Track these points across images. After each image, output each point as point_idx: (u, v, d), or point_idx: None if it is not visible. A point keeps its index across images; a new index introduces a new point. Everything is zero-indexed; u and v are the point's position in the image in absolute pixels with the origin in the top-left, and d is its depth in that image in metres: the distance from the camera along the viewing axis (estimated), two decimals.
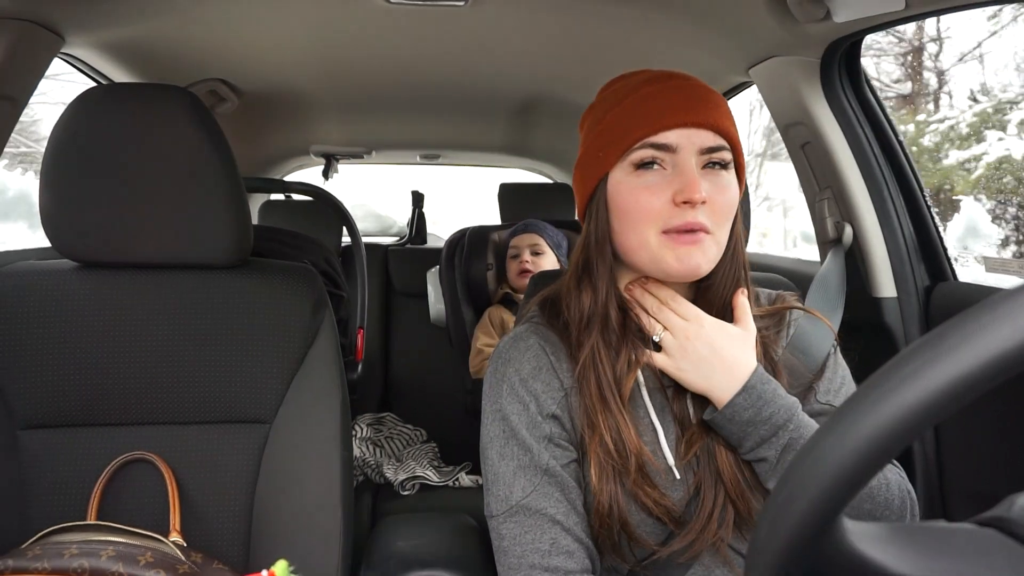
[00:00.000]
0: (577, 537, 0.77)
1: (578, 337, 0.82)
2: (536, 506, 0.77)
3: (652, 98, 0.78)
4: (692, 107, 0.76)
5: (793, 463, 0.37)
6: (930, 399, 0.33)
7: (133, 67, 1.53)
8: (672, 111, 0.76)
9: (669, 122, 0.76)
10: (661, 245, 0.76)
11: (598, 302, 0.82)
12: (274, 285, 1.05)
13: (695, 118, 0.76)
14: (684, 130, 0.76)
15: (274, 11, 1.35)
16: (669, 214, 0.76)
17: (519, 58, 1.63)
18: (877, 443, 0.34)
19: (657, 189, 0.76)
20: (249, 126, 2.11)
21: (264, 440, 1.02)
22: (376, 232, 3.39)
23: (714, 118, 0.77)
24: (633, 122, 0.77)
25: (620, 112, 0.79)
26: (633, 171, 0.78)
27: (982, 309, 0.34)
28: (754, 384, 0.76)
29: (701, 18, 1.30)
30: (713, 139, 0.77)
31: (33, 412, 0.98)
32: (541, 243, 1.98)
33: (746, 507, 0.78)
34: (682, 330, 0.79)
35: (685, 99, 0.77)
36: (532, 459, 0.78)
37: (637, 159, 0.77)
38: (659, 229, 0.76)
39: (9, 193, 3.60)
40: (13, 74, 1.15)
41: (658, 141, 0.76)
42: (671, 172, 0.77)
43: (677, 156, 0.76)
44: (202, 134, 0.98)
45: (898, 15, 1.06)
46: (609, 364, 0.80)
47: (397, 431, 2.10)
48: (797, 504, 0.36)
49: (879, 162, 1.34)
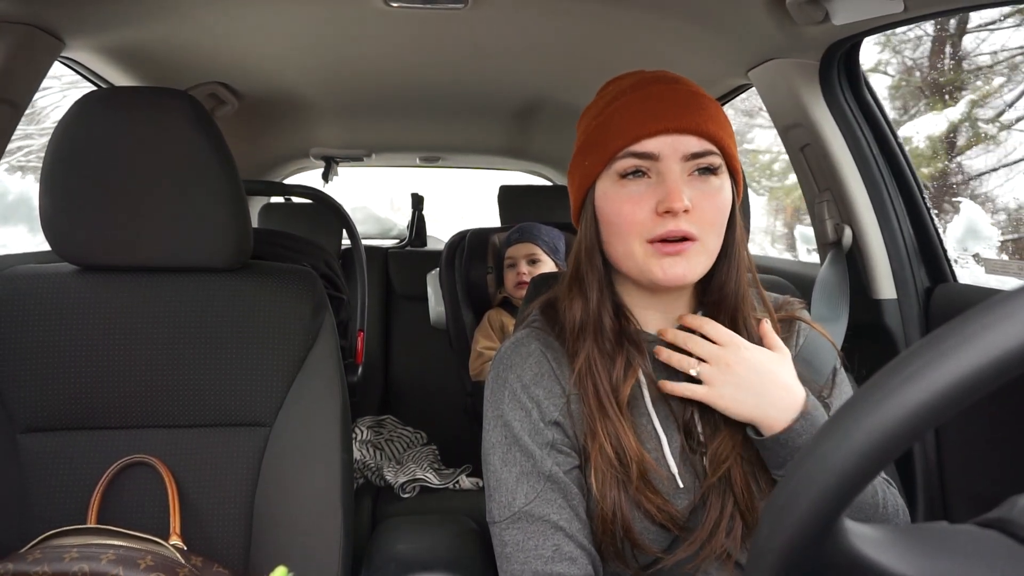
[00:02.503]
0: (580, 543, 0.76)
1: (573, 345, 0.82)
2: (539, 512, 0.76)
3: (633, 105, 0.77)
4: (674, 113, 0.75)
5: (794, 465, 0.37)
6: (931, 401, 0.33)
7: (133, 70, 1.53)
8: (653, 118, 0.75)
9: (650, 129, 0.75)
10: (647, 255, 0.76)
11: (589, 311, 0.81)
12: (274, 288, 1.05)
13: (677, 124, 0.75)
14: (666, 137, 0.75)
15: (274, 14, 1.35)
16: (653, 224, 0.75)
17: (519, 60, 1.63)
18: (878, 445, 0.34)
19: (641, 199, 0.75)
20: (249, 129, 2.11)
21: (264, 443, 1.01)
22: (376, 235, 3.39)
23: (698, 123, 0.75)
24: (615, 131, 0.77)
25: (604, 120, 0.78)
26: (618, 180, 0.77)
27: (982, 310, 0.34)
28: (810, 410, 0.74)
29: (700, 21, 1.30)
30: (698, 144, 0.75)
31: (33, 416, 0.98)
32: (537, 251, 1.95)
33: (755, 519, 0.77)
34: (720, 358, 0.76)
35: (667, 105, 0.76)
36: (535, 465, 0.78)
37: (621, 169, 0.77)
38: (644, 239, 0.75)
39: (9, 197, 3.61)
40: (13, 78, 1.15)
41: (639, 150, 0.75)
42: (655, 180, 0.76)
43: (660, 164, 0.75)
44: (202, 137, 0.98)
45: (897, 17, 1.06)
46: (605, 372, 0.79)
47: (397, 434, 2.10)
48: (798, 505, 0.36)
49: (878, 164, 1.34)
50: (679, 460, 0.79)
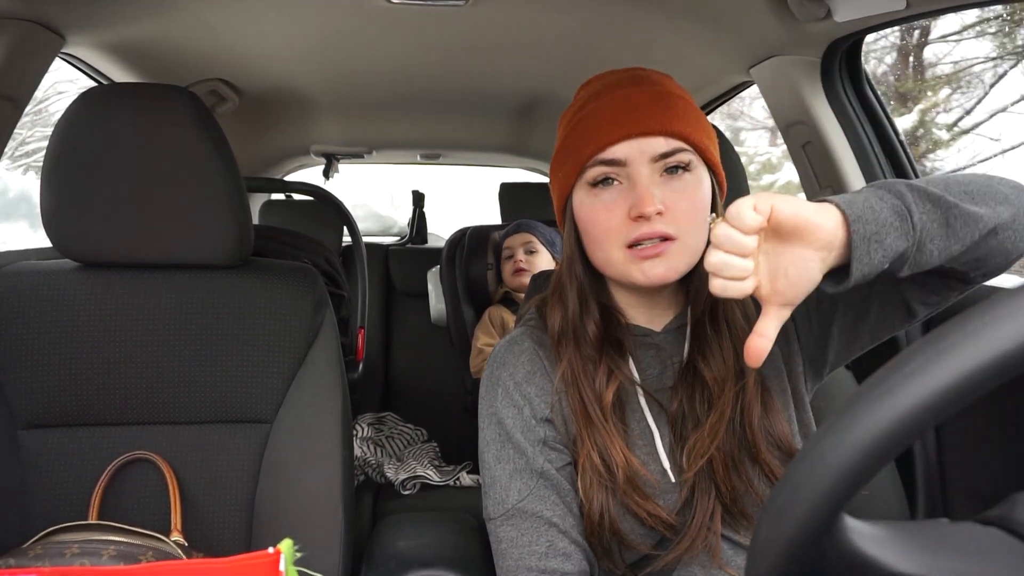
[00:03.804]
0: (573, 539, 0.77)
1: (557, 350, 0.82)
2: (532, 509, 0.77)
3: (598, 112, 0.76)
4: (636, 117, 0.75)
5: (794, 463, 0.37)
6: (932, 398, 0.33)
7: (134, 67, 1.53)
8: (615, 124, 0.75)
9: (614, 136, 0.74)
10: (626, 260, 0.75)
11: (568, 320, 0.82)
12: (275, 285, 1.05)
13: (641, 128, 0.74)
14: (631, 141, 0.74)
15: (275, 11, 1.35)
16: (628, 229, 0.74)
17: (519, 57, 1.62)
18: (879, 442, 0.34)
19: (614, 206, 0.75)
20: (250, 126, 2.11)
21: (265, 440, 1.02)
22: (377, 232, 3.39)
23: (663, 123, 0.74)
24: (581, 140, 0.77)
25: (572, 127, 0.79)
26: (591, 190, 0.77)
27: (983, 308, 0.34)
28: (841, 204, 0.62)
29: (701, 17, 1.30)
30: (666, 144, 0.74)
31: (34, 412, 0.98)
32: (534, 241, 1.97)
33: (738, 510, 0.78)
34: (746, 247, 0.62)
35: (629, 109, 0.75)
36: (527, 462, 0.79)
37: (591, 178, 0.77)
38: (622, 244, 0.75)
39: (10, 193, 3.61)
40: (14, 74, 1.15)
41: (607, 157, 0.75)
42: (626, 186, 0.75)
43: (629, 169, 0.75)
44: (203, 134, 0.98)
45: (899, 14, 1.06)
46: (588, 379, 0.79)
47: (398, 431, 2.10)
48: (798, 503, 0.36)
49: (879, 161, 1.34)
50: (670, 455, 0.80)
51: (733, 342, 0.81)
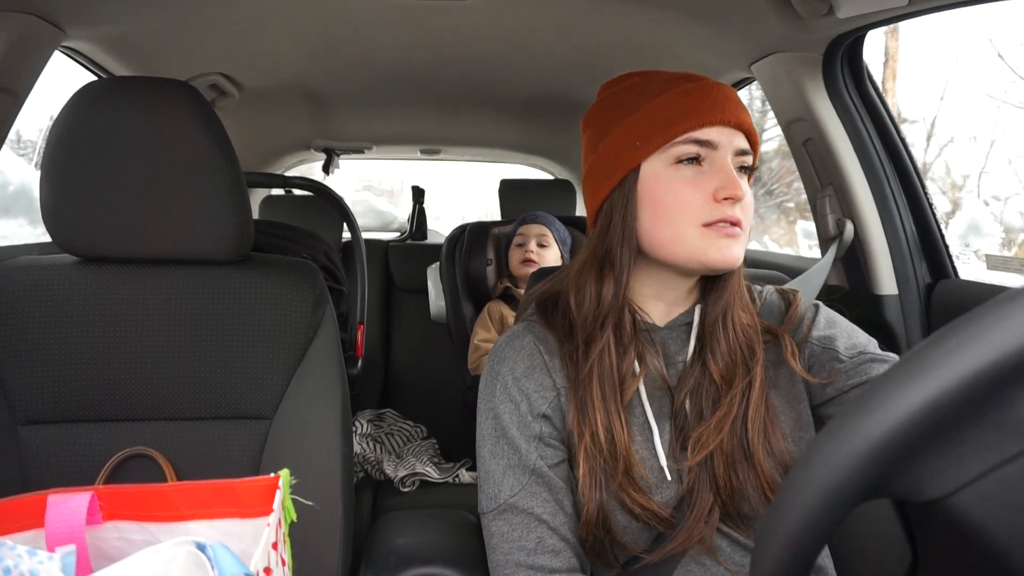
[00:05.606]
0: (563, 536, 0.78)
1: (589, 334, 0.81)
2: (523, 505, 0.78)
3: (693, 94, 0.78)
4: (730, 108, 0.77)
5: (817, 441, 0.37)
6: (967, 376, 0.32)
7: (134, 60, 1.52)
8: (714, 109, 0.77)
9: (713, 119, 0.76)
10: (702, 237, 0.76)
11: (619, 296, 0.81)
12: (275, 280, 1.05)
13: (734, 118, 0.77)
14: (724, 128, 0.77)
15: (276, 5, 1.34)
16: (709, 209, 0.76)
17: (520, 54, 1.62)
18: (881, 441, 0.34)
19: (697, 184, 0.76)
20: (250, 120, 2.11)
21: (264, 436, 1.01)
22: (376, 228, 3.38)
23: (747, 123, 0.78)
24: (676, 115, 0.77)
25: (660, 105, 0.78)
26: (672, 164, 0.78)
27: (991, 307, 0.34)
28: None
29: (703, 14, 1.29)
30: (744, 143, 0.78)
31: (34, 408, 0.98)
32: (548, 235, 1.97)
33: (735, 509, 0.79)
34: None
35: (724, 99, 0.78)
36: (520, 459, 0.79)
37: (679, 153, 0.77)
38: (699, 223, 0.76)
39: (10, 187, 3.60)
40: (13, 67, 1.15)
41: (701, 137, 0.76)
42: (708, 169, 0.77)
43: (717, 153, 0.77)
44: (203, 128, 0.98)
45: (901, 11, 1.05)
46: (616, 363, 0.80)
47: (397, 427, 2.10)
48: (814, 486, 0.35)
49: (881, 159, 1.34)
50: (668, 453, 0.80)
51: (739, 341, 0.82)
